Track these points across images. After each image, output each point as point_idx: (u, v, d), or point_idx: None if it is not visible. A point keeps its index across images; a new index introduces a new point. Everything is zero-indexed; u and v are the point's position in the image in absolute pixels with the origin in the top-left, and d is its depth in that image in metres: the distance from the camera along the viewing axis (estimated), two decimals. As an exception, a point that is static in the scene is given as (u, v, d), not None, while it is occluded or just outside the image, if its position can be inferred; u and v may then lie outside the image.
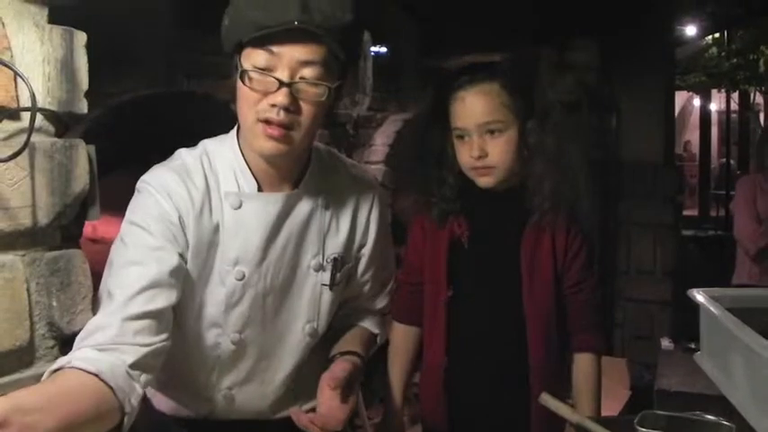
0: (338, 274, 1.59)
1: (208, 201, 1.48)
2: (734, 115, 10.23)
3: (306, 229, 1.55)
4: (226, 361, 1.56)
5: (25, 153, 1.27)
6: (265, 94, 1.39)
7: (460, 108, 1.79)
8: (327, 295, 1.59)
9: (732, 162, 9.43)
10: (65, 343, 1.38)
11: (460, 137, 1.81)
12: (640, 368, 4.31)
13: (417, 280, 1.93)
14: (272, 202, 1.50)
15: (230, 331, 1.52)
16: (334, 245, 1.59)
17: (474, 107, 1.78)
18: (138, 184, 1.51)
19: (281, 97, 1.37)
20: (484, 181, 1.82)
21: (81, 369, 1.24)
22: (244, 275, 1.49)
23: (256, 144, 1.43)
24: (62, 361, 1.27)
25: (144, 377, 1.33)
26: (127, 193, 1.69)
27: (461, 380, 1.86)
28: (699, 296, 1.47)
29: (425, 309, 1.91)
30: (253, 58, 1.39)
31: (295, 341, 1.59)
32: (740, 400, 1.28)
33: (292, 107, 1.39)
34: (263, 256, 1.50)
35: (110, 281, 1.41)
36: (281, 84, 1.37)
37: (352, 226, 1.62)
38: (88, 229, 3.26)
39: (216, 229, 1.49)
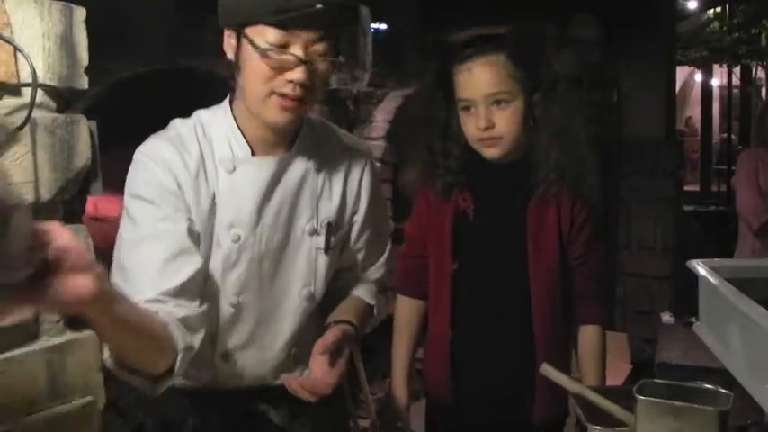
0: (332, 238, 1.62)
1: (203, 168, 1.51)
2: (735, 90, 10.19)
3: (299, 194, 1.58)
4: (225, 325, 1.57)
5: (27, 129, 1.28)
6: (281, 70, 1.42)
7: (467, 79, 1.78)
8: (323, 260, 1.61)
9: (733, 137, 9.40)
10: (70, 318, 1.40)
11: (466, 108, 1.80)
12: (641, 343, 4.33)
13: (420, 253, 1.93)
14: (265, 165, 1.53)
15: (229, 294, 1.54)
16: (328, 210, 1.62)
17: (481, 78, 1.77)
18: (135, 156, 1.51)
19: (298, 74, 1.41)
20: (490, 152, 1.81)
21: None
22: (239, 238, 1.52)
23: (269, 116, 1.46)
24: None
25: (191, 334, 1.37)
26: (128, 171, 1.70)
27: (466, 352, 1.87)
28: (698, 267, 1.48)
29: (430, 282, 1.91)
30: (266, 35, 1.40)
31: (292, 306, 1.61)
32: (738, 368, 1.29)
33: (307, 82, 1.43)
34: (257, 220, 1.53)
35: (126, 260, 1.42)
36: (300, 61, 1.41)
37: (343, 192, 1.65)
38: (90, 207, 3.27)
39: (212, 195, 1.52)
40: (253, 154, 1.54)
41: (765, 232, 4.08)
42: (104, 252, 1.58)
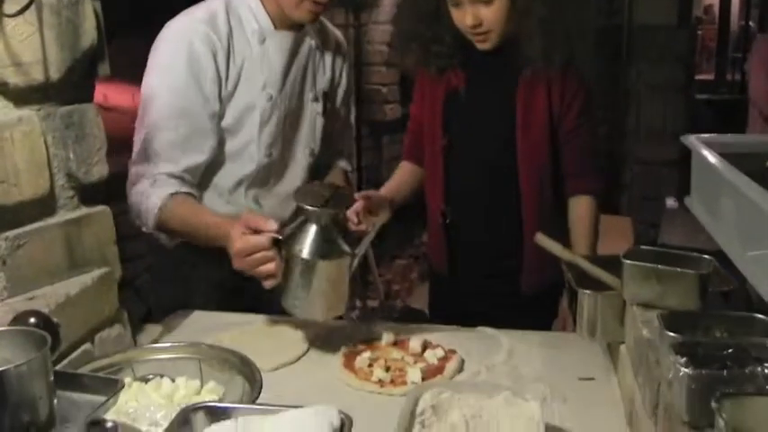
0: (328, 105, 1.95)
1: (231, 41, 1.77)
2: (757, -25, 9.85)
3: (306, 66, 1.89)
4: (260, 173, 1.87)
5: (33, 9, 1.30)
6: None
7: None
8: (320, 122, 1.95)
9: (752, 24, 9.16)
10: (84, 192, 1.46)
11: (454, 4, 1.81)
12: (645, 227, 4.39)
13: (420, 129, 2.03)
14: (286, 38, 1.83)
15: (263, 147, 1.84)
16: (323, 81, 1.94)
17: None
18: (164, 32, 1.76)
19: None
20: (482, 46, 1.85)
21: None
22: (272, 96, 1.82)
23: (299, 15, 1.75)
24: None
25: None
26: (138, 58, 1.74)
27: (460, 224, 1.96)
28: (690, 140, 1.51)
29: (425, 159, 2.00)
30: None
31: (301, 160, 1.94)
32: (724, 238, 1.34)
33: None
34: (283, 83, 1.84)
35: (152, 131, 1.73)
36: None
37: (332, 70, 1.97)
38: (100, 97, 3.28)
39: (242, 64, 1.79)
40: (275, 29, 1.81)
41: (776, 118, 4.07)
42: (114, 140, 1.65)
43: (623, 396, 1.37)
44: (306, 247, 1.46)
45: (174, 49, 1.73)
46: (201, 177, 1.82)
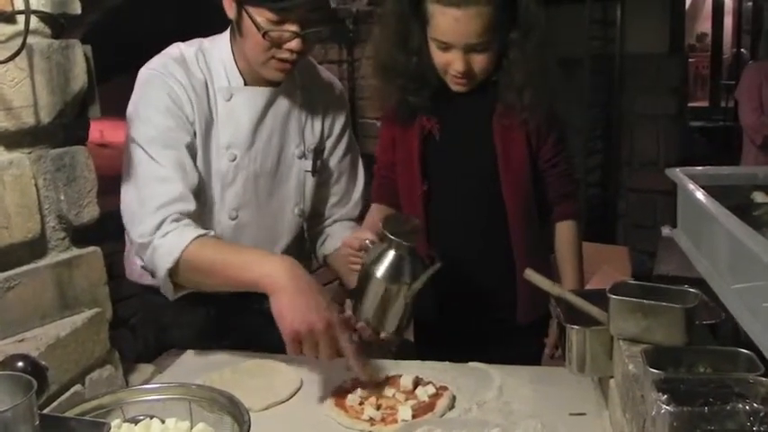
0: (319, 162, 1.85)
1: (206, 92, 1.71)
2: (749, 3, 9.94)
3: (287, 123, 1.80)
4: (229, 237, 1.75)
5: (23, 54, 1.32)
6: (279, 42, 1.61)
7: (450, 24, 1.73)
8: (310, 181, 1.85)
9: (744, 51, 9.23)
10: (75, 233, 1.47)
11: (444, 48, 1.78)
12: (642, 256, 4.39)
13: (388, 174, 2.01)
14: (259, 95, 1.74)
15: (228, 209, 1.75)
16: (312, 138, 1.85)
17: (465, 28, 1.73)
18: (142, 73, 1.69)
19: (295, 44, 1.61)
20: (459, 89, 1.83)
21: None
22: (235, 157, 1.72)
23: (267, 73, 1.68)
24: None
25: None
26: (129, 96, 1.76)
27: (448, 264, 1.93)
28: (676, 174, 1.53)
29: (404, 205, 1.96)
30: (266, 15, 1.59)
31: (287, 221, 1.85)
32: (708, 271, 1.35)
33: (303, 49, 1.64)
34: (251, 142, 1.74)
35: (140, 184, 1.62)
36: (297, 35, 1.60)
37: (323, 123, 1.87)
38: (96, 134, 3.30)
39: (211, 118, 1.71)
40: (246, 85, 1.73)
41: (769, 145, 4.10)
42: (110, 177, 1.67)
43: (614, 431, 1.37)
44: (380, 268, 1.60)
45: (155, 95, 1.66)
46: None
